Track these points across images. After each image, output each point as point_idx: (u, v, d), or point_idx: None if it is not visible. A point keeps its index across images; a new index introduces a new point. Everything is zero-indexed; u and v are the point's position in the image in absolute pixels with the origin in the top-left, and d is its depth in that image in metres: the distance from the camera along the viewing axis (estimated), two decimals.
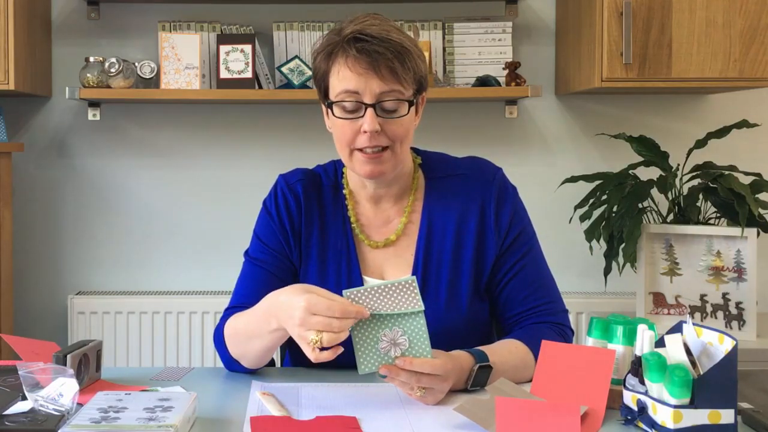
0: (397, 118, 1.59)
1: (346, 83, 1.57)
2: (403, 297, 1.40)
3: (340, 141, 1.62)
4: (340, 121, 1.60)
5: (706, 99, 3.15)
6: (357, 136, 1.59)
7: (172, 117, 3.13)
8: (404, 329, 1.40)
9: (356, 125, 1.58)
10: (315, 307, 1.36)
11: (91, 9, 3.07)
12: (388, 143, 1.59)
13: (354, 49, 1.56)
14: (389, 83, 1.57)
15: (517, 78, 2.91)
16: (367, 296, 1.39)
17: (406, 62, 1.58)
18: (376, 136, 1.57)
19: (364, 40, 1.56)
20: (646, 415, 1.26)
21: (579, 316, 3.03)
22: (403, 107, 1.59)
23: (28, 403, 1.31)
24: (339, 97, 1.59)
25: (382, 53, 1.55)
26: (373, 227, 1.71)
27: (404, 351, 1.39)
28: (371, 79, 1.56)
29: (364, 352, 1.40)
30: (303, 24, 2.99)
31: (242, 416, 1.35)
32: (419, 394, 1.40)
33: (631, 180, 2.79)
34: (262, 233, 1.73)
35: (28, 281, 3.12)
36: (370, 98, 1.57)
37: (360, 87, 1.56)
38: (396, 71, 1.56)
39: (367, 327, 1.40)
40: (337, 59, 1.59)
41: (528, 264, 1.69)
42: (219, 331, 1.65)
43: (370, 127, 1.56)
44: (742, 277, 2.63)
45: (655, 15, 2.72)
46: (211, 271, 3.13)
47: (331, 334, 1.35)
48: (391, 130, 1.58)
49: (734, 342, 1.23)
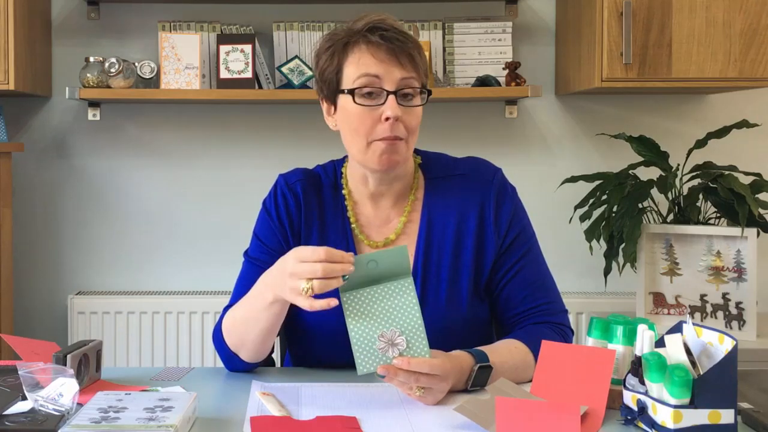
0: (414, 107, 1.61)
1: (366, 68, 1.58)
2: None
3: (356, 132, 1.60)
4: (357, 110, 1.59)
5: (706, 99, 3.15)
6: (376, 126, 1.59)
7: (172, 117, 3.13)
8: (402, 329, 1.40)
9: (375, 113, 1.58)
10: (301, 255, 1.41)
11: (91, 9, 3.07)
12: (404, 134, 1.60)
13: (377, 36, 1.58)
14: (409, 71, 1.59)
15: (517, 78, 2.91)
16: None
17: (422, 55, 1.62)
18: (397, 125, 1.58)
19: (385, 29, 1.59)
20: (646, 415, 1.26)
21: (579, 316, 3.03)
22: (419, 97, 1.62)
23: (28, 403, 1.31)
24: (359, 83, 1.58)
25: (403, 41, 1.59)
26: (373, 227, 1.71)
27: (402, 351, 1.40)
28: (393, 66, 1.58)
29: (362, 352, 1.40)
30: (303, 24, 2.99)
31: (242, 416, 1.35)
32: (418, 393, 1.40)
33: (631, 180, 2.79)
34: (261, 233, 1.73)
35: (28, 281, 3.12)
36: (391, 85, 1.58)
37: (381, 72, 1.58)
38: (415, 60, 1.60)
39: (365, 327, 1.40)
40: (355, 48, 1.60)
41: (527, 264, 1.69)
42: (218, 330, 1.65)
43: (393, 113, 1.56)
44: (742, 277, 2.63)
45: (655, 15, 2.72)
46: (211, 271, 3.13)
47: (322, 280, 1.38)
48: (407, 120, 1.59)
49: (734, 342, 1.23)
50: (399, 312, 1.41)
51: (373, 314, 1.41)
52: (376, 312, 1.41)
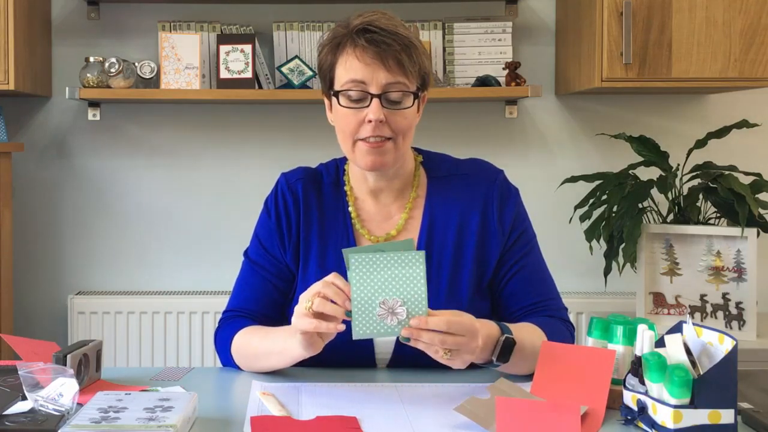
0: (402, 110, 1.60)
1: (353, 73, 1.58)
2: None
3: (343, 131, 1.63)
4: (344, 111, 1.61)
5: (706, 99, 3.15)
6: (361, 126, 1.60)
7: (172, 117, 3.13)
8: (404, 299, 1.39)
9: (360, 115, 1.59)
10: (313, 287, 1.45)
11: (91, 9, 3.07)
12: (391, 135, 1.60)
13: (363, 40, 1.57)
14: (395, 75, 1.58)
15: (517, 78, 2.91)
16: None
17: (413, 56, 1.60)
18: (380, 126, 1.58)
19: (373, 31, 1.58)
20: (646, 415, 1.26)
21: (579, 316, 3.03)
22: (408, 99, 1.61)
23: (28, 403, 1.31)
24: (345, 86, 1.60)
25: (390, 45, 1.57)
26: (374, 222, 1.72)
27: (401, 321, 1.39)
28: (378, 70, 1.58)
29: (361, 316, 1.39)
30: (303, 24, 2.99)
31: (242, 416, 1.35)
32: (446, 357, 1.39)
33: (631, 180, 2.79)
34: (261, 233, 1.75)
35: (28, 281, 3.12)
36: (376, 88, 1.58)
37: (366, 77, 1.58)
38: (403, 63, 1.58)
39: (368, 291, 1.39)
40: (345, 50, 1.60)
41: (529, 263, 1.70)
42: (223, 340, 1.68)
43: (375, 116, 1.57)
44: (742, 277, 2.63)
45: (655, 15, 2.72)
46: (211, 271, 3.13)
47: (320, 299, 1.40)
48: (394, 122, 1.60)
49: (734, 342, 1.23)
50: (404, 282, 1.39)
51: (378, 280, 1.39)
52: (381, 278, 1.40)
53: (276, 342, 1.56)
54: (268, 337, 1.60)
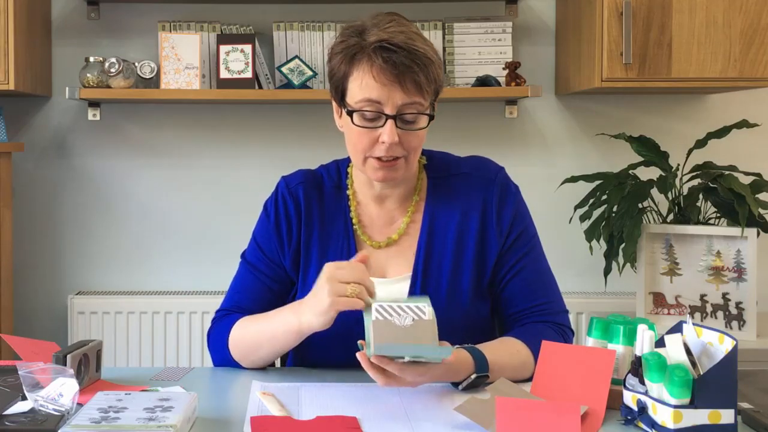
0: (415, 130, 1.58)
1: (368, 92, 1.55)
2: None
3: (355, 147, 1.61)
4: (357, 129, 1.58)
5: (706, 99, 3.15)
6: (374, 145, 1.58)
7: (172, 117, 3.13)
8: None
9: (374, 134, 1.57)
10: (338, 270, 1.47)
11: (91, 9, 3.07)
12: (403, 153, 1.59)
13: (380, 59, 1.53)
14: (412, 95, 1.55)
15: (517, 78, 2.91)
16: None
17: (430, 74, 1.57)
18: (393, 147, 1.57)
19: (391, 50, 1.53)
20: (646, 415, 1.26)
21: (579, 316, 3.03)
22: (422, 120, 1.59)
23: (28, 403, 1.31)
24: (359, 105, 1.57)
25: (408, 66, 1.53)
26: (376, 227, 1.71)
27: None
28: (395, 91, 1.54)
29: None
30: (303, 24, 2.99)
31: (242, 416, 1.35)
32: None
33: (631, 180, 2.79)
34: (259, 236, 1.74)
35: (28, 281, 3.12)
36: (391, 109, 1.55)
37: (383, 97, 1.55)
38: (420, 84, 1.55)
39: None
40: (360, 65, 1.56)
41: (529, 264, 1.69)
42: (218, 335, 1.67)
43: (390, 139, 1.55)
44: (742, 277, 2.63)
45: (655, 15, 2.72)
46: (211, 271, 3.12)
47: (361, 288, 1.44)
48: (407, 141, 1.58)
49: (734, 342, 1.23)
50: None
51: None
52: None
53: (283, 321, 1.56)
54: (269, 318, 1.60)
